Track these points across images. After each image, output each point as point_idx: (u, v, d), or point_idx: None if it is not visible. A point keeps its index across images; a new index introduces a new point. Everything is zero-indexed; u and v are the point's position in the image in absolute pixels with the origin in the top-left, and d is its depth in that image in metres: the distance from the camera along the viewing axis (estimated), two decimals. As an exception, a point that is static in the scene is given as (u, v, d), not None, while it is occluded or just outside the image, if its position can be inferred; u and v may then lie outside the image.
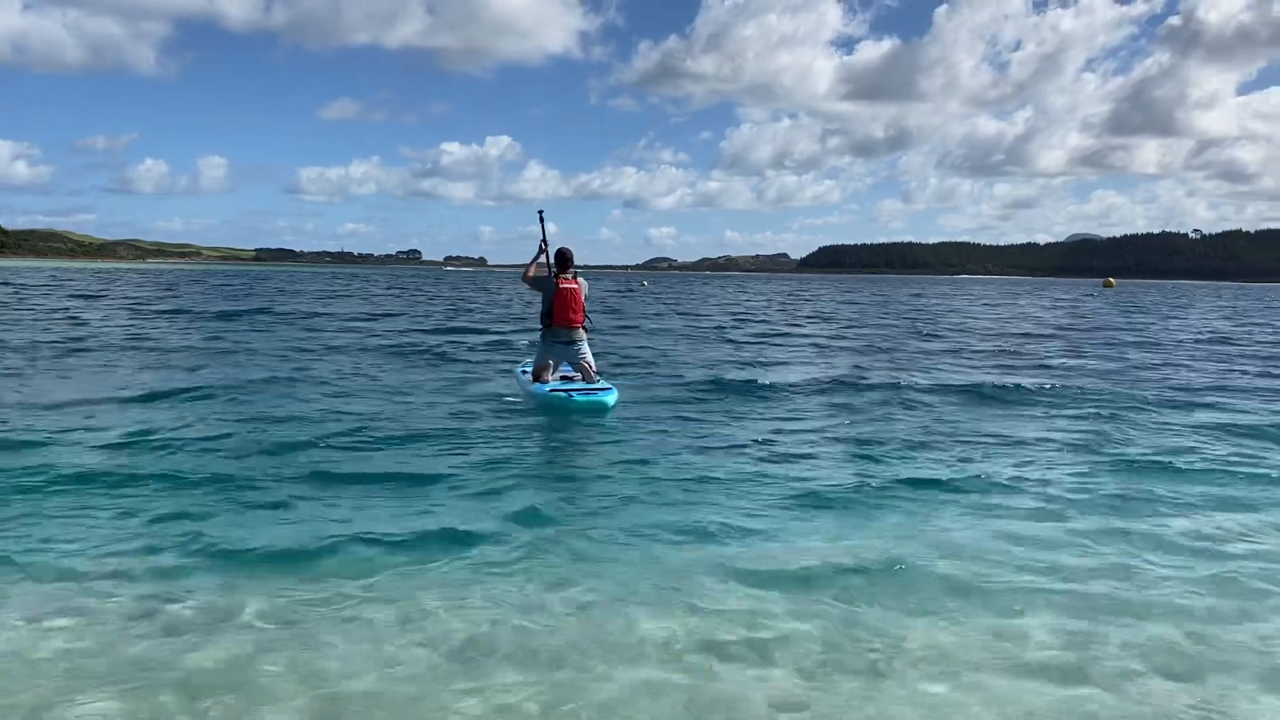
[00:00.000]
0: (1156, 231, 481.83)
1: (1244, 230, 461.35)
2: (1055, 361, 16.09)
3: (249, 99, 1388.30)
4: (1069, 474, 7.15)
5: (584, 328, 10.67)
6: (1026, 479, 6.93)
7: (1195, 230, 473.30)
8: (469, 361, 14.53)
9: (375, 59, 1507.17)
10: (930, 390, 11.72)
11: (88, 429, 7.97)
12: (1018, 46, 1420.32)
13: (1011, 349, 18.77)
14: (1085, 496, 6.47)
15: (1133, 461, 7.60)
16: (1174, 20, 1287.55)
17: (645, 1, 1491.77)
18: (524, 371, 12.02)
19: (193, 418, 8.71)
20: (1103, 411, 10.11)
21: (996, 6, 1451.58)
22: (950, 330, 25.08)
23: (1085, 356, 17.15)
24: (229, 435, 7.86)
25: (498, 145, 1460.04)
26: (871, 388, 11.84)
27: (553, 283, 10.53)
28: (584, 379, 10.46)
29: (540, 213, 10.98)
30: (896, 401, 10.76)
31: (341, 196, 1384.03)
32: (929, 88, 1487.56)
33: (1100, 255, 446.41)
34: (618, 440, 8.31)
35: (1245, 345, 21.11)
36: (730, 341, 19.65)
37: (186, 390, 10.39)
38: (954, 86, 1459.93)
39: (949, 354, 17.46)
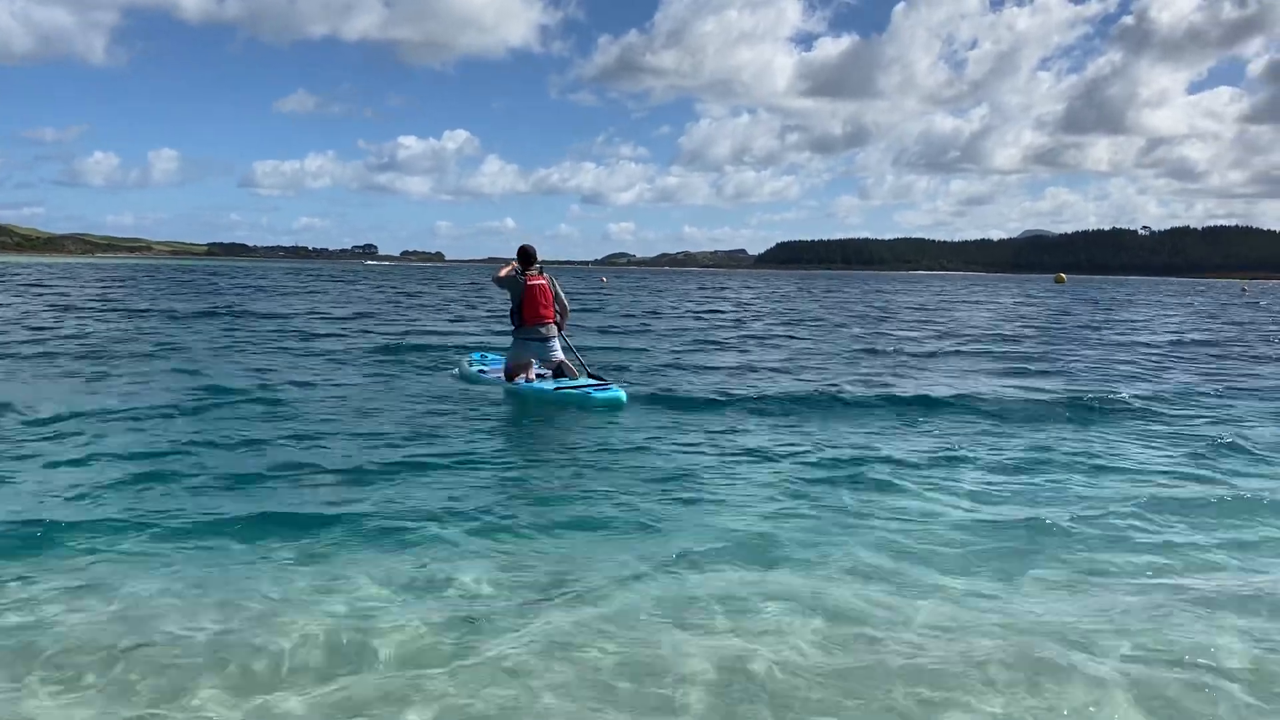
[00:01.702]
0: (1108, 228, 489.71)
1: (1192, 227, 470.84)
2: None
3: (203, 91, 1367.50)
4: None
5: (557, 324, 10.72)
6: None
7: (1145, 227, 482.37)
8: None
9: (333, 52, 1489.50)
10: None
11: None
12: (974, 45, 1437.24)
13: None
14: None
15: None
16: (1127, 20, 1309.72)
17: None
18: (472, 363, 12.09)
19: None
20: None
21: (954, 5, 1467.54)
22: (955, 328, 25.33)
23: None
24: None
25: (456, 139, 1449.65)
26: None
27: (520, 280, 10.55)
28: (569, 376, 10.45)
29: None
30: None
31: (296, 191, 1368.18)
32: (887, 85, 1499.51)
33: (1052, 252, 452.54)
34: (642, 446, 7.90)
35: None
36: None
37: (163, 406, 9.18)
38: (911, 84, 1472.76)
39: (975, 356, 16.73)
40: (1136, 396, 10.95)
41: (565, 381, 10.39)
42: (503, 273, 10.80)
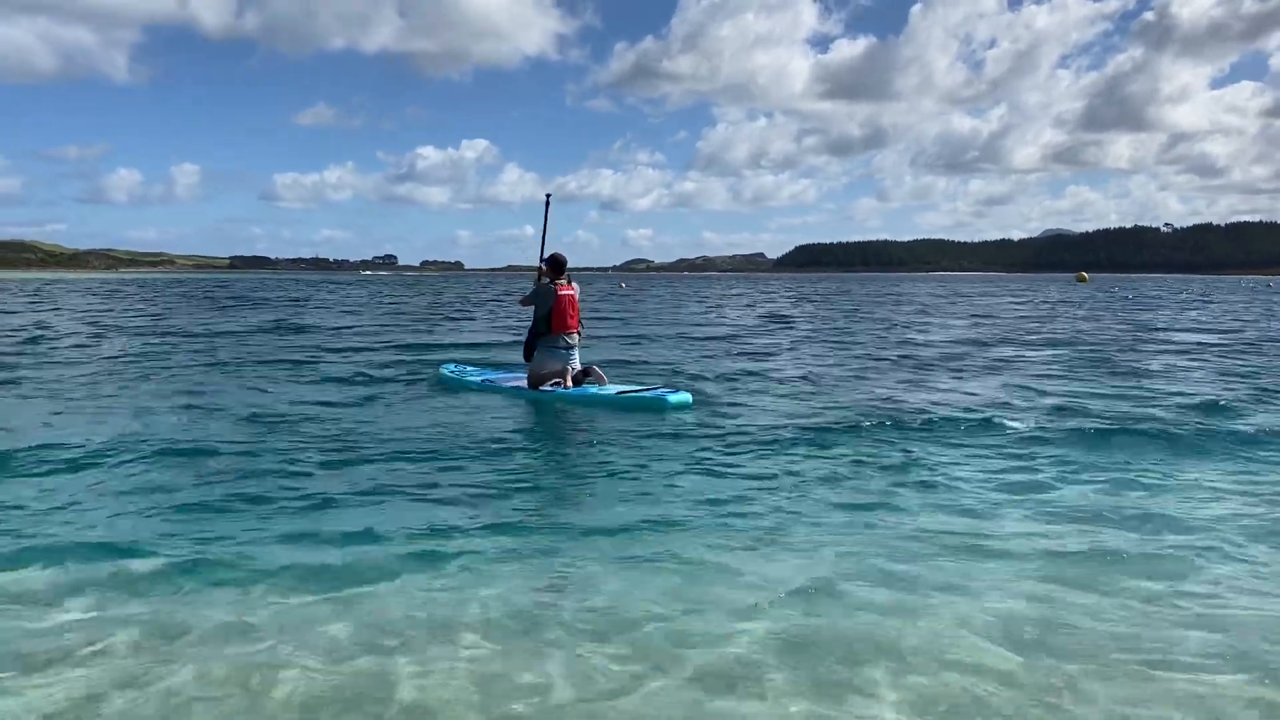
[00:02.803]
0: (1129, 226, 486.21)
1: (1214, 224, 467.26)
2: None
3: (223, 106, 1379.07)
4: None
5: (579, 334, 10.75)
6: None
7: (1167, 224, 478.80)
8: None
9: (351, 64, 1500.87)
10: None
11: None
12: (992, 44, 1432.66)
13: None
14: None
15: None
16: (1148, 16, 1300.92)
17: (622, 3, 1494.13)
18: (451, 371, 12.15)
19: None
20: None
21: (971, 4, 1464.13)
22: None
23: None
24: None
25: (474, 148, 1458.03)
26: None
27: (552, 289, 10.47)
28: (596, 382, 10.45)
29: (548, 197, 11.37)
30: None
31: (317, 202, 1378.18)
32: (904, 86, 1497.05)
33: (1073, 250, 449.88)
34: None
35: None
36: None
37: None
38: (929, 84, 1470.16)
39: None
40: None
41: (630, 387, 10.43)
42: (528, 297, 10.83)
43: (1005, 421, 8.92)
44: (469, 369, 12.54)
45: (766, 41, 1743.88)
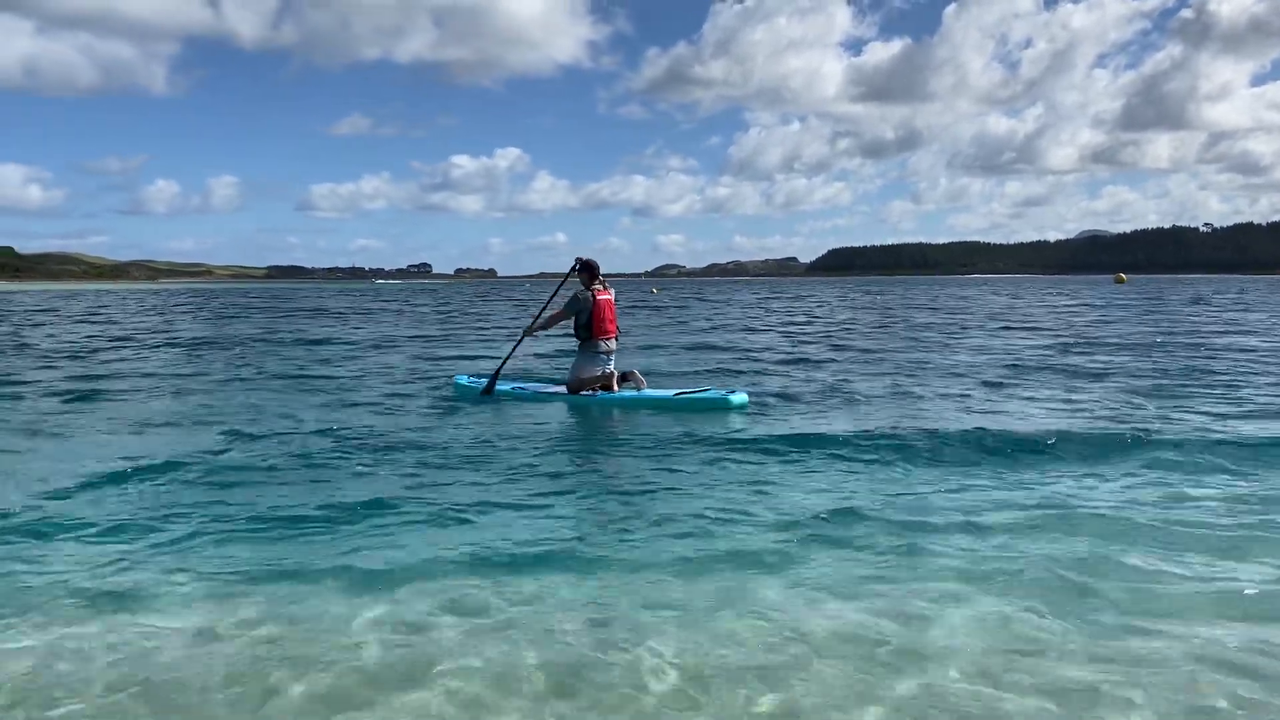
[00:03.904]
0: (1167, 226, 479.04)
1: (1255, 223, 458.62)
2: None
3: (260, 117, 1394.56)
4: None
5: (616, 338, 11.02)
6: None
7: (1206, 224, 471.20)
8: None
9: (386, 74, 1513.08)
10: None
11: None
12: (1028, 44, 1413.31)
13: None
14: None
15: None
16: (1186, 13, 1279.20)
17: (654, 9, 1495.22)
18: (471, 380, 11.77)
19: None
20: None
21: (1007, 4, 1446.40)
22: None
23: None
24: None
25: (507, 157, 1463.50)
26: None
27: (590, 295, 10.80)
28: (635, 385, 10.64)
29: (576, 261, 11.02)
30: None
31: (352, 212, 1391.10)
32: (939, 87, 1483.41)
33: (1111, 251, 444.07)
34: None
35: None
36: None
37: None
38: (964, 85, 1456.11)
39: None
40: None
41: (687, 388, 10.73)
42: (549, 315, 11.14)
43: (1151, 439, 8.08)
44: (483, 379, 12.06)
45: (799, 45, 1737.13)
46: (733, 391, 10.31)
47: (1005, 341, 20.68)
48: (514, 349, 11.84)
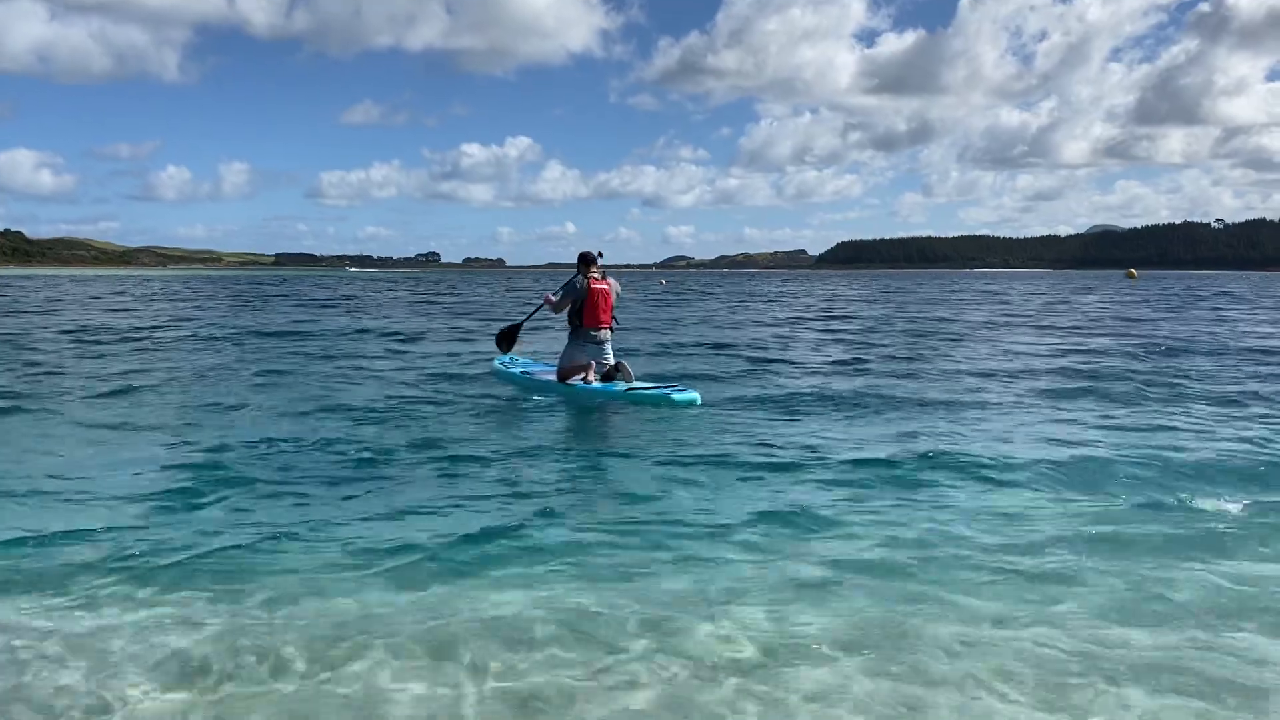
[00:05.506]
0: (1179, 222, 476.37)
1: (1268, 219, 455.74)
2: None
3: (271, 104, 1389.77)
4: None
5: (611, 329, 10.98)
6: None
7: (1218, 220, 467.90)
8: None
9: (397, 62, 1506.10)
10: None
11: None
12: (1043, 36, 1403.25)
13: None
14: None
15: None
16: (1203, 7, 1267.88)
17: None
18: (502, 364, 12.26)
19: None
20: None
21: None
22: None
23: None
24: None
25: (517, 146, 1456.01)
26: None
27: (584, 283, 10.77)
28: (624, 379, 10.58)
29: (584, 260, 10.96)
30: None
31: (362, 200, 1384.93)
32: (952, 80, 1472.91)
33: (1121, 246, 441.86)
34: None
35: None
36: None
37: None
38: (978, 78, 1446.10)
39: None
40: None
41: (639, 384, 10.57)
42: (553, 299, 11.01)
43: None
44: (520, 360, 12.57)
45: (813, 36, 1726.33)
46: (682, 390, 10.25)
47: (1076, 343, 19.34)
48: (534, 311, 12.03)
